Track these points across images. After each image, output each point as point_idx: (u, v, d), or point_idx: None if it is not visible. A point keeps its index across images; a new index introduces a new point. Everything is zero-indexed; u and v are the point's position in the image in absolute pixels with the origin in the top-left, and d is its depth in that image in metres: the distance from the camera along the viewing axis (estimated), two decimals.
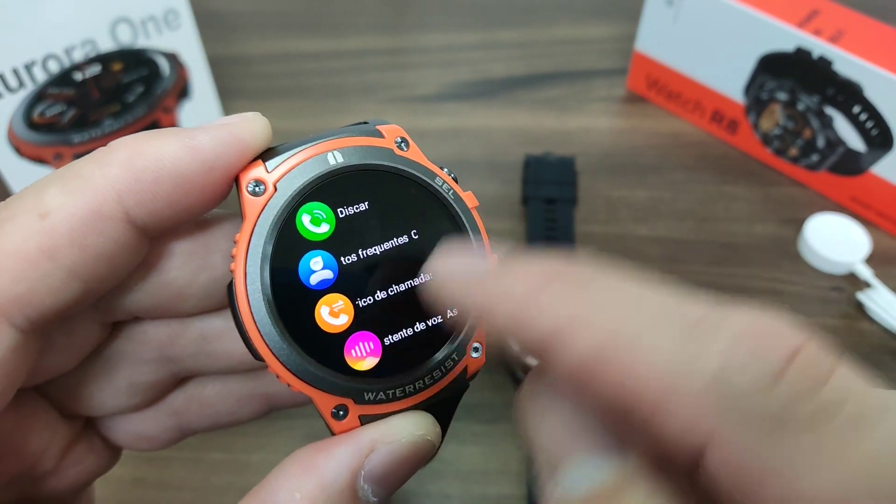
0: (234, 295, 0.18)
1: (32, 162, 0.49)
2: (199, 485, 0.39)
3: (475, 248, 0.21)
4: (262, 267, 0.18)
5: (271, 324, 0.18)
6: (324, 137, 0.20)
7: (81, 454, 0.23)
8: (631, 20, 0.62)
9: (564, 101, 0.62)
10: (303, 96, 0.63)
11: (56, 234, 0.17)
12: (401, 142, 0.21)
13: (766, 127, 0.55)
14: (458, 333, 0.20)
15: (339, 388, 0.19)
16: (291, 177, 0.19)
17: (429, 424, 0.20)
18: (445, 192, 0.21)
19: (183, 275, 0.21)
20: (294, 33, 0.69)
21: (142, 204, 0.18)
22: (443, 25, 0.70)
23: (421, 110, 0.61)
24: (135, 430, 0.24)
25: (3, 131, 0.47)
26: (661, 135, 0.59)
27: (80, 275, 0.18)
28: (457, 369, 0.21)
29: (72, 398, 0.22)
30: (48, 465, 0.22)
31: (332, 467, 0.18)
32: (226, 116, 0.19)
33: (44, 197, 0.18)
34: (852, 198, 0.53)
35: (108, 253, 0.18)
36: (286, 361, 0.18)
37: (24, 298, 0.17)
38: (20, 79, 0.46)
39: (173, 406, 0.24)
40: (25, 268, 0.17)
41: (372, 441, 0.19)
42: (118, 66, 0.50)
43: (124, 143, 0.18)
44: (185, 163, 0.18)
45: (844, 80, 0.49)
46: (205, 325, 0.23)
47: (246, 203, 0.19)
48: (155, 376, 0.23)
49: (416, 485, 0.39)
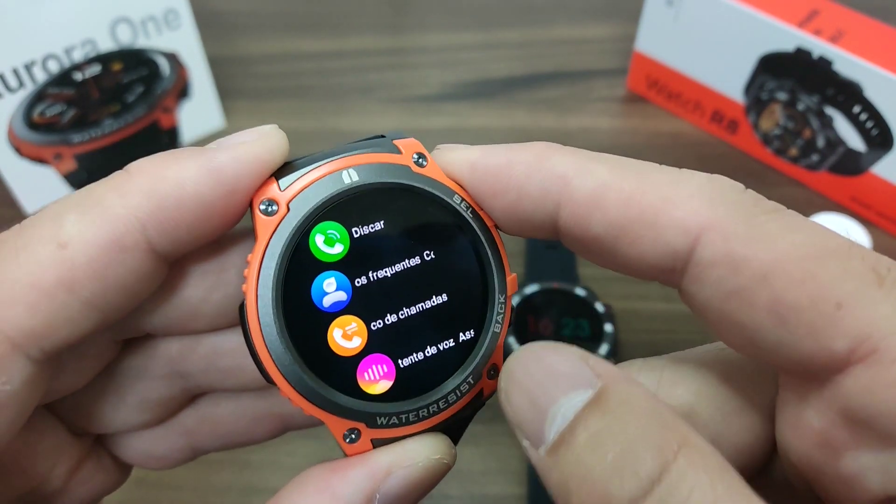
0: (245, 316, 0.18)
1: (32, 162, 0.49)
2: (199, 485, 0.39)
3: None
4: (273, 288, 0.18)
5: (283, 347, 0.18)
6: (339, 154, 0.19)
7: (90, 472, 0.23)
8: (631, 20, 0.62)
9: (564, 102, 0.62)
10: (303, 96, 0.63)
11: (75, 265, 0.17)
12: (418, 158, 0.20)
13: (766, 127, 0.55)
14: (475, 357, 0.20)
15: (351, 412, 0.18)
16: (305, 196, 0.19)
17: (444, 446, 0.19)
18: (463, 211, 0.20)
19: (197, 293, 0.20)
20: (294, 33, 0.69)
21: (164, 232, 0.18)
22: (443, 25, 0.70)
23: (421, 110, 0.61)
24: (145, 449, 0.24)
25: (3, 131, 0.47)
26: (661, 135, 0.59)
27: (97, 305, 0.17)
28: (472, 393, 0.20)
29: (81, 415, 0.22)
30: (56, 483, 0.22)
31: (348, 490, 0.18)
32: (242, 132, 0.19)
33: (62, 225, 0.17)
34: (852, 198, 0.53)
35: (128, 283, 0.18)
36: (297, 385, 0.18)
37: (40, 331, 0.17)
38: (20, 79, 0.46)
39: (185, 425, 0.24)
40: (42, 300, 0.17)
41: (388, 465, 0.18)
42: (118, 66, 0.50)
43: (144, 168, 0.18)
44: (206, 187, 0.18)
45: (844, 80, 0.49)
46: (217, 340, 0.22)
47: (258, 223, 0.18)
48: (166, 392, 0.23)
49: None
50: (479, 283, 0.20)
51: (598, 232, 0.18)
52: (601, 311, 0.44)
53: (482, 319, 0.20)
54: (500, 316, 0.20)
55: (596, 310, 0.44)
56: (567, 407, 0.16)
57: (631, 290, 0.48)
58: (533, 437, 0.16)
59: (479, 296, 0.20)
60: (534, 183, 0.18)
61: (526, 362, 0.17)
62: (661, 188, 0.17)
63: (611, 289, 0.47)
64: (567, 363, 0.17)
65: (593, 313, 0.44)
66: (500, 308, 0.20)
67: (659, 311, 0.47)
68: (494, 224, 0.20)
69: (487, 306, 0.20)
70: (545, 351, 0.17)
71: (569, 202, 0.18)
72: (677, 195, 0.17)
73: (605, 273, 0.49)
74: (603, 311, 0.44)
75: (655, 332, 0.46)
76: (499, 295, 0.20)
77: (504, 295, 0.20)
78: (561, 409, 0.16)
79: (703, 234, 0.16)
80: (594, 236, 0.18)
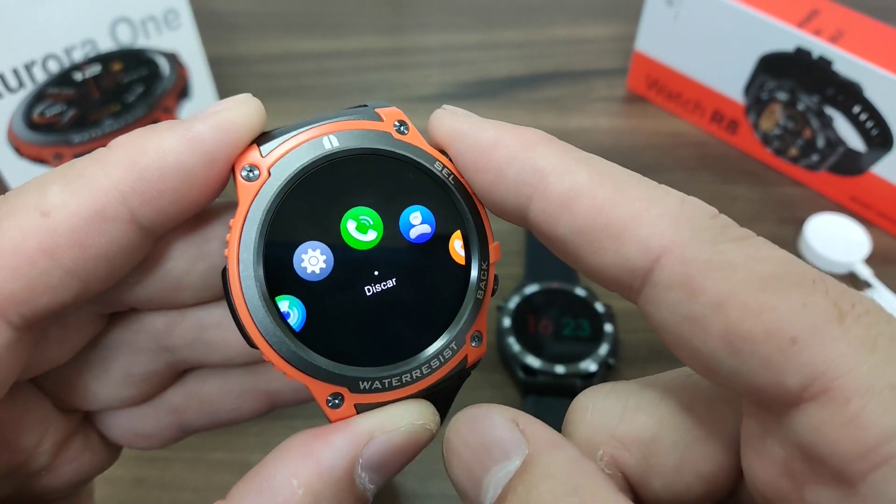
0: (227, 280, 0.18)
1: (32, 162, 0.49)
2: (199, 485, 0.39)
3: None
4: (255, 252, 0.18)
5: (264, 310, 0.18)
6: (321, 121, 0.19)
7: (78, 451, 0.23)
8: (631, 20, 0.62)
9: (564, 101, 0.62)
10: (303, 96, 0.63)
11: (57, 233, 0.17)
12: (400, 125, 0.20)
13: (766, 127, 0.55)
14: (458, 323, 0.20)
15: (333, 376, 0.19)
16: (286, 161, 0.19)
17: (427, 413, 0.20)
18: (445, 177, 0.20)
19: (180, 265, 0.21)
20: (294, 33, 0.69)
21: (147, 203, 0.18)
22: (443, 25, 0.70)
23: (421, 110, 0.61)
24: (133, 427, 0.24)
25: (3, 131, 0.47)
26: (661, 135, 0.59)
27: (78, 274, 0.18)
28: (455, 359, 0.20)
29: (67, 390, 0.22)
30: (43, 460, 0.22)
31: (330, 455, 0.18)
32: (218, 102, 0.19)
33: (46, 194, 0.17)
34: (852, 198, 0.53)
35: (110, 253, 0.18)
36: (279, 349, 0.18)
37: (21, 296, 0.17)
38: (20, 79, 0.46)
39: (172, 403, 0.24)
40: (24, 265, 0.17)
41: (370, 429, 0.19)
42: (118, 66, 0.50)
43: (124, 142, 0.18)
44: (187, 156, 0.18)
45: (844, 80, 0.49)
46: (202, 314, 0.22)
47: (240, 188, 0.18)
48: (151, 367, 0.23)
49: (418, 485, 0.39)
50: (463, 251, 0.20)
51: (563, 234, 0.18)
52: (601, 311, 0.44)
53: (465, 286, 0.20)
54: (483, 283, 0.20)
55: (596, 310, 0.44)
56: (497, 478, 0.16)
57: None
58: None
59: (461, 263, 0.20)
60: (512, 170, 0.18)
61: (462, 430, 0.18)
62: (633, 203, 0.17)
63: None
64: (498, 429, 0.17)
65: (593, 313, 0.44)
66: (484, 275, 0.20)
67: None
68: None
69: (470, 273, 0.20)
70: (478, 417, 0.18)
71: (541, 198, 0.18)
72: (647, 213, 0.17)
73: None
74: (603, 311, 0.44)
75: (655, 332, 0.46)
76: (481, 262, 0.20)
77: (487, 262, 0.20)
78: (493, 480, 0.17)
79: (663, 255, 0.16)
80: (559, 237, 0.18)
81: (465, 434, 0.18)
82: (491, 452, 0.17)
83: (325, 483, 0.18)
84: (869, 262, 0.49)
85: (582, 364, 0.41)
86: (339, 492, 0.18)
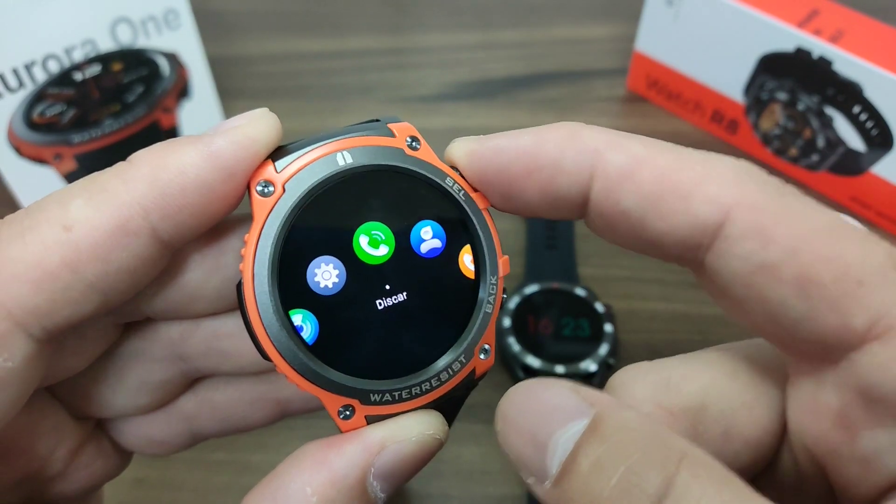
0: (242, 295, 0.18)
1: (32, 162, 0.49)
2: (200, 485, 0.39)
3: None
4: (269, 267, 0.18)
5: (278, 324, 0.18)
6: (334, 136, 0.20)
7: (91, 457, 0.23)
8: (631, 20, 0.62)
9: (564, 101, 0.62)
10: (303, 96, 0.63)
11: (80, 247, 0.17)
12: (412, 141, 0.20)
13: (766, 127, 0.55)
14: (467, 336, 0.20)
15: (345, 389, 0.19)
16: (300, 178, 0.19)
17: (437, 423, 0.20)
18: (456, 193, 0.20)
19: (196, 277, 0.21)
20: (294, 33, 0.69)
21: (167, 217, 0.18)
22: (443, 25, 0.70)
23: (421, 110, 0.61)
24: (145, 434, 0.24)
25: (3, 131, 0.47)
26: (661, 135, 0.58)
27: (100, 288, 0.18)
28: (464, 372, 0.20)
29: (82, 398, 0.22)
30: (57, 467, 0.22)
31: (343, 464, 0.18)
32: (235, 117, 0.19)
33: (68, 209, 0.17)
34: (852, 198, 0.53)
35: (131, 267, 0.18)
36: (293, 362, 0.18)
37: (44, 309, 0.17)
38: (20, 79, 0.46)
39: (184, 410, 0.24)
40: (46, 279, 0.17)
41: (382, 439, 0.19)
42: (118, 66, 0.50)
43: (146, 157, 0.18)
44: (207, 172, 0.18)
45: (844, 80, 0.49)
46: (217, 324, 0.22)
47: (255, 203, 0.19)
48: (166, 375, 0.23)
49: (418, 485, 0.39)
50: (472, 265, 0.21)
51: (628, 205, 0.18)
52: (601, 311, 0.44)
53: (474, 300, 0.21)
54: (491, 297, 0.21)
55: (596, 310, 0.44)
56: (566, 438, 0.16)
57: (631, 290, 0.48)
58: (537, 472, 0.16)
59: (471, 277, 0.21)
60: (568, 157, 0.19)
61: (519, 401, 0.18)
62: (695, 166, 0.18)
63: (611, 289, 0.47)
64: (559, 396, 0.17)
65: (593, 313, 0.44)
66: (493, 289, 0.21)
67: (659, 311, 0.47)
68: (487, 207, 0.21)
69: (479, 287, 0.21)
70: (536, 388, 0.18)
71: (602, 176, 0.18)
72: (710, 173, 0.17)
73: (605, 273, 0.49)
74: (603, 311, 0.44)
75: (655, 332, 0.46)
76: (490, 276, 0.21)
77: (496, 276, 0.21)
78: (560, 441, 0.16)
79: (734, 208, 0.17)
80: (623, 210, 0.18)
81: (523, 404, 0.18)
82: (554, 417, 0.17)
83: (339, 491, 0.18)
84: None
85: (582, 364, 0.41)
86: (352, 500, 0.18)
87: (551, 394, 0.17)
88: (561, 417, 0.16)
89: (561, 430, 0.16)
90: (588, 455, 0.15)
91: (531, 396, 0.17)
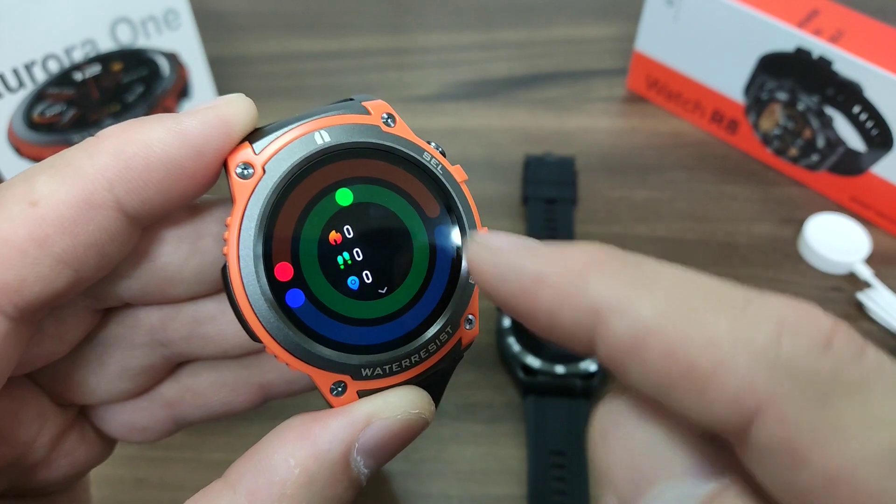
0: (228, 278, 0.19)
1: (32, 162, 0.49)
2: (199, 485, 0.39)
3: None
4: (254, 249, 0.18)
5: (267, 305, 0.18)
6: (310, 116, 0.20)
7: (73, 444, 0.23)
8: (631, 20, 0.62)
9: (564, 101, 0.62)
10: (303, 96, 0.63)
11: (46, 221, 0.17)
12: (387, 118, 0.21)
13: (766, 127, 0.55)
14: (452, 307, 0.21)
15: (336, 365, 0.19)
16: (279, 158, 0.19)
17: (423, 402, 0.20)
18: (434, 167, 0.21)
19: (174, 260, 0.21)
20: (294, 33, 0.69)
21: (132, 192, 0.18)
22: (443, 25, 0.70)
23: (421, 110, 0.61)
24: (128, 421, 0.24)
25: (3, 131, 0.47)
26: (661, 135, 0.59)
27: (70, 263, 0.18)
28: (451, 342, 0.21)
29: (64, 385, 0.22)
30: (39, 454, 0.22)
31: (328, 438, 0.18)
32: (209, 100, 0.19)
33: (34, 185, 0.18)
34: (852, 198, 0.53)
35: (99, 241, 0.18)
36: (283, 341, 0.19)
37: (13, 286, 0.17)
38: (20, 79, 0.46)
39: (166, 396, 0.24)
40: (14, 255, 0.17)
41: (368, 415, 0.19)
42: (118, 66, 0.50)
43: (112, 131, 0.18)
44: (174, 148, 0.18)
45: (844, 80, 0.49)
46: (197, 308, 0.22)
47: (235, 186, 0.19)
48: (147, 361, 0.23)
49: (417, 485, 0.39)
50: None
51: (636, 381, 0.15)
52: None
53: (457, 271, 0.21)
54: None
55: None
56: (672, 497, 0.14)
57: None
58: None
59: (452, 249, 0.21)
60: (565, 313, 0.15)
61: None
62: (716, 341, 0.13)
63: None
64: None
65: None
66: None
67: None
68: (464, 180, 0.21)
69: (461, 259, 0.21)
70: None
71: (604, 343, 0.15)
72: (734, 356, 0.13)
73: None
74: None
75: None
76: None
77: None
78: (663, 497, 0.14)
79: (759, 412, 0.13)
80: (632, 383, 0.15)
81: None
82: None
83: (322, 464, 0.18)
84: (869, 262, 0.49)
85: (582, 364, 0.41)
86: (335, 474, 0.18)
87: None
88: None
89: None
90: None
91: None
